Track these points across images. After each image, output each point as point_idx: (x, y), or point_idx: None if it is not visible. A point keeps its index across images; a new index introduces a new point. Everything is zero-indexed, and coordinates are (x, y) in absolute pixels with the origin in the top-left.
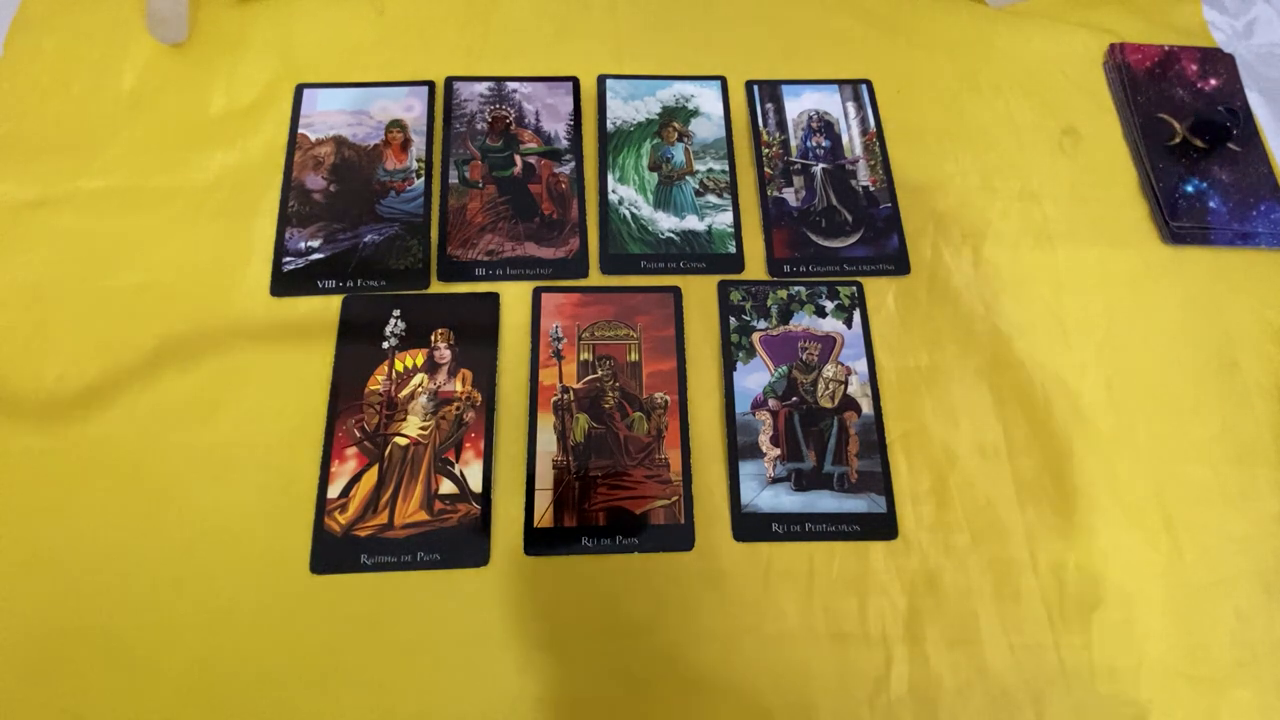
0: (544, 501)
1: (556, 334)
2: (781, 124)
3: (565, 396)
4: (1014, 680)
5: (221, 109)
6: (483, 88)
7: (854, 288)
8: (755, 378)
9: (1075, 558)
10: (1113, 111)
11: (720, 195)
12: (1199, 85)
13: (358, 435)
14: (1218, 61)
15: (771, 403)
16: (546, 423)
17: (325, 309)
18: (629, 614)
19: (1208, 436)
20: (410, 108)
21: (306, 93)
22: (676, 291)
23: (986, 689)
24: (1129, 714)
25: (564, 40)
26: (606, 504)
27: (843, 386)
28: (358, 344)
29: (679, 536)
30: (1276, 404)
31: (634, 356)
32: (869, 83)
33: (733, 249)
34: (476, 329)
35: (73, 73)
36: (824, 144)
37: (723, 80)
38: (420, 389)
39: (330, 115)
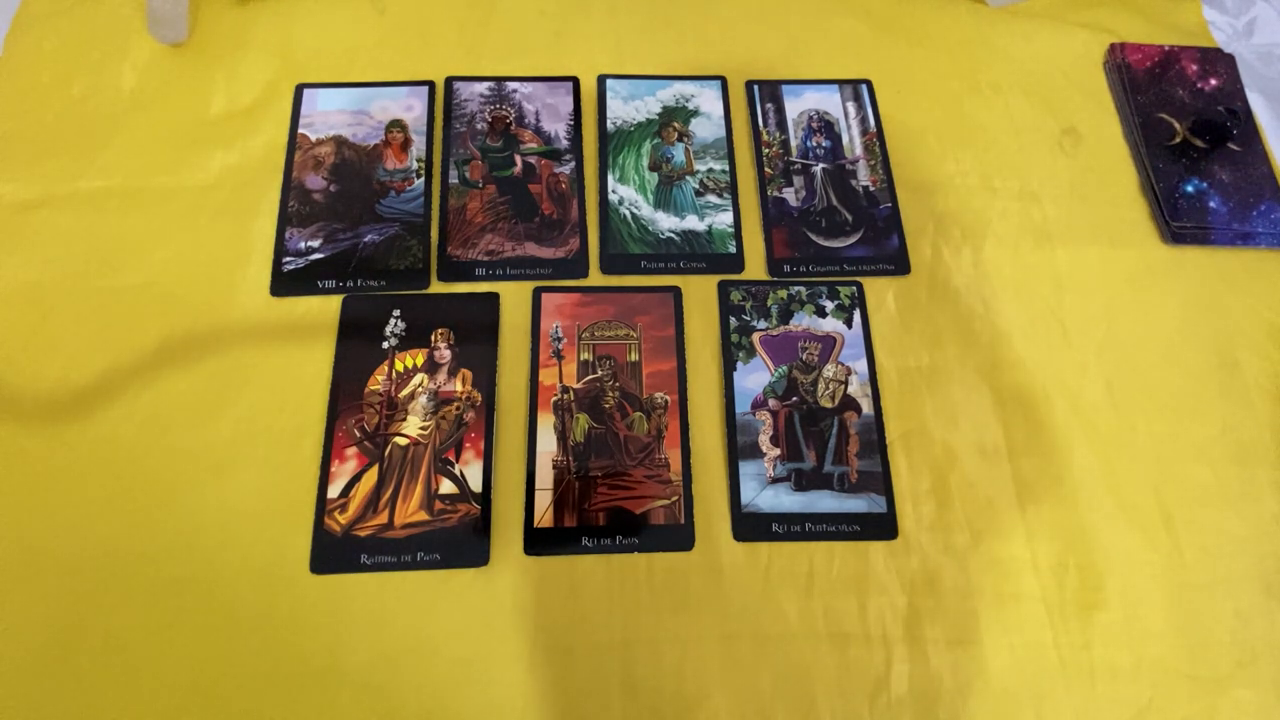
0: (544, 501)
1: (556, 334)
2: (781, 124)
3: (565, 396)
4: (1014, 680)
5: (221, 109)
6: (483, 88)
7: (854, 288)
8: (755, 378)
9: (1075, 558)
10: (1113, 111)
11: (720, 195)
12: (1199, 85)
13: (358, 435)
14: (1218, 61)
15: (771, 403)
16: (546, 423)
17: (325, 309)
18: (629, 614)
19: (1208, 436)
20: (410, 108)
21: (306, 93)
22: (676, 291)
23: (986, 689)
24: (1129, 714)
25: (564, 40)
26: (606, 504)
27: (843, 386)
28: (358, 344)
29: (679, 536)
30: (1276, 404)
31: (634, 356)
32: (869, 83)
33: (733, 249)
34: (476, 329)
35: (73, 73)
36: (824, 144)
37: (723, 80)
38: (420, 389)
39: (330, 115)
